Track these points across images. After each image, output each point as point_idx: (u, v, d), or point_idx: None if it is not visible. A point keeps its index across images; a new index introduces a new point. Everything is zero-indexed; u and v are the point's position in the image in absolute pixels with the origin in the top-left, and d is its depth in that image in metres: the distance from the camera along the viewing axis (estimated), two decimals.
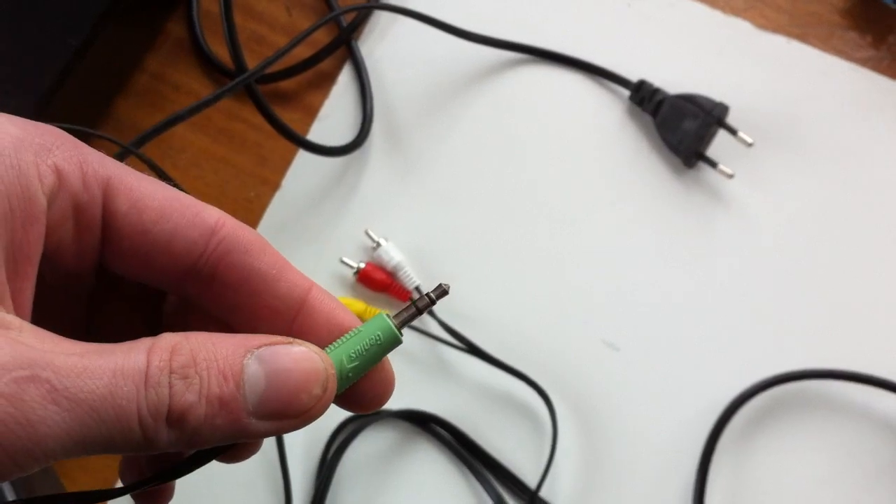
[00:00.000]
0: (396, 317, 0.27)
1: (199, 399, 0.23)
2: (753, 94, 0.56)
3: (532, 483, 0.52)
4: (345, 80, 0.60)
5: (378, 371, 0.27)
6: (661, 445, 0.52)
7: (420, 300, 0.27)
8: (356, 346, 0.26)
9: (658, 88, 0.56)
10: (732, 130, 0.54)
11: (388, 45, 0.60)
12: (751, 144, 0.54)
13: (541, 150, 0.57)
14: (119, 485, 0.26)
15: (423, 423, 0.54)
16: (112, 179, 0.25)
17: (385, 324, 0.26)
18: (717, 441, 0.51)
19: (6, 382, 0.20)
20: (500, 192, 0.57)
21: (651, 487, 0.52)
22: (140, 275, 0.27)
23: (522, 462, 0.53)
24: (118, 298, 0.29)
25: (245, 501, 0.54)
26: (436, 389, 0.54)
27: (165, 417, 0.22)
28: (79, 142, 0.25)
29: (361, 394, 0.27)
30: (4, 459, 0.20)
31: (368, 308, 0.54)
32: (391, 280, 0.55)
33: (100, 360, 0.22)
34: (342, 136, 0.58)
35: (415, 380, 0.54)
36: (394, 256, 0.55)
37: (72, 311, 0.29)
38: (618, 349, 0.54)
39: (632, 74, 0.57)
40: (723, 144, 0.54)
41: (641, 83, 0.56)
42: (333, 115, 0.60)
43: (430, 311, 0.54)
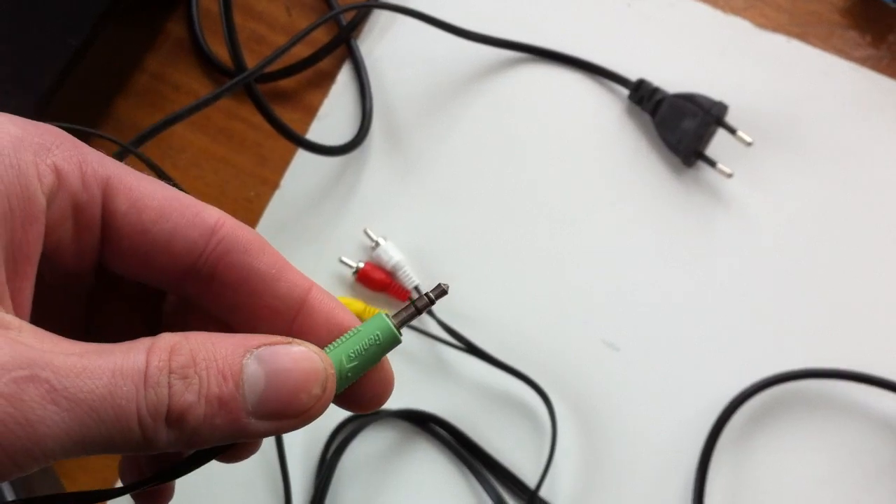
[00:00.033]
0: (395, 316, 0.27)
1: (199, 399, 0.23)
2: (753, 94, 0.56)
3: (531, 483, 0.52)
4: (344, 80, 0.60)
5: (377, 371, 0.27)
6: (661, 445, 0.52)
7: (419, 300, 0.27)
8: (355, 346, 0.26)
9: (657, 87, 0.56)
10: (731, 129, 0.54)
11: (388, 44, 0.60)
12: (750, 143, 0.54)
13: (540, 149, 0.57)
14: (119, 485, 0.26)
15: (423, 423, 0.54)
16: (111, 179, 0.25)
17: (384, 323, 0.26)
18: (717, 440, 0.51)
19: (6, 382, 0.20)
20: (500, 191, 0.57)
21: (651, 487, 0.52)
22: (139, 274, 0.27)
23: (522, 462, 0.53)
24: (118, 298, 0.29)
25: (245, 501, 0.54)
26: (435, 389, 0.54)
27: (165, 417, 0.22)
28: (78, 141, 0.25)
29: (361, 393, 0.27)
30: (4, 459, 0.20)
31: (368, 308, 0.54)
32: (390, 280, 0.55)
33: (99, 360, 0.22)
34: (341, 136, 0.58)
35: (414, 379, 0.54)
36: (393, 256, 0.55)
37: (71, 311, 0.29)
38: (617, 349, 0.54)
39: (631, 74, 0.57)
40: (722, 144, 0.54)
41: (641, 82, 0.56)
42: (333, 115, 0.60)
43: (430, 311, 0.54)
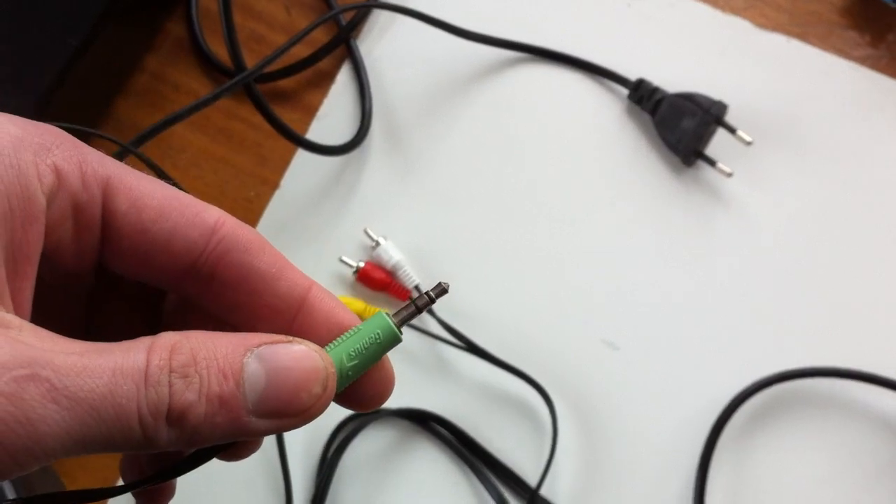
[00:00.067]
0: (396, 315, 0.27)
1: (199, 398, 0.23)
2: (752, 93, 0.56)
3: (532, 481, 0.52)
4: (344, 79, 0.60)
5: (378, 369, 0.27)
6: (662, 444, 0.52)
7: (419, 299, 0.27)
8: (356, 345, 0.26)
9: (657, 87, 0.56)
10: (731, 129, 0.54)
11: (387, 44, 0.60)
12: (750, 143, 0.54)
13: (540, 149, 0.57)
14: (120, 483, 0.26)
15: (423, 422, 0.54)
16: (111, 179, 0.25)
17: (384, 322, 0.26)
18: (718, 439, 0.51)
19: (6, 381, 0.20)
20: (500, 191, 0.57)
21: (651, 486, 0.52)
22: (139, 274, 0.27)
23: (522, 460, 0.53)
24: (118, 298, 0.29)
25: (245, 500, 0.54)
26: (436, 388, 0.54)
27: (165, 416, 0.22)
28: (78, 141, 0.25)
29: (361, 392, 0.27)
30: (4, 458, 0.20)
31: (368, 307, 0.54)
32: (390, 279, 0.55)
33: (99, 359, 0.22)
34: (341, 136, 0.58)
35: (415, 379, 0.54)
36: (393, 255, 0.55)
37: (71, 311, 0.29)
38: (618, 348, 0.54)
39: (631, 73, 0.57)
40: (722, 143, 0.54)
41: (640, 82, 0.56)
42: (332, 115, 0.60)
43: (430, 310, 0.54)
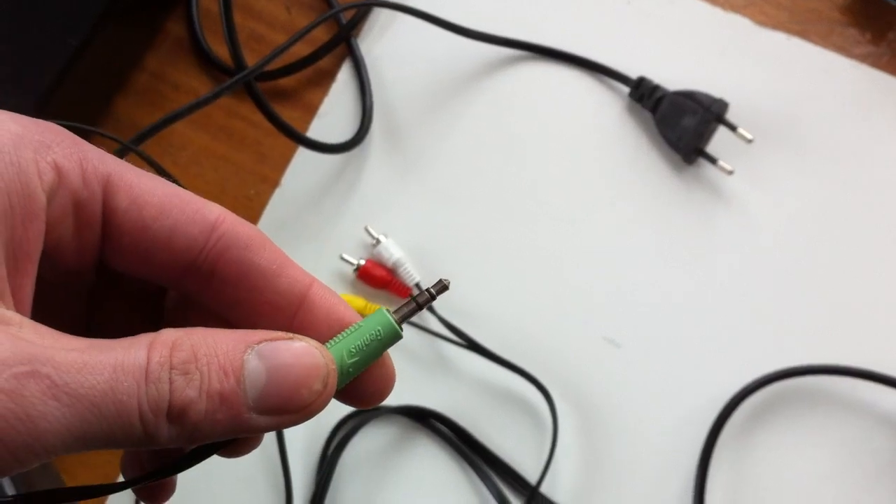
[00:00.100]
0: (396, 312, 0.27)
1: (200, 394, 0.23)
2: (753, 91, 0.56)
3: (532, 479, 0.52)
4: (344, 78, 0.60)
5: (378, 366, 0.27)
6: (662, 441, 0.52)
7: (420, 295, 0.27)
8: (356, 342, 0.26)
9: (658, 85, 0.55)
10: (732, 127, 0.54)
11: (388, 43, 0.60)
12: (750, 141, 0.54)
13: (540, 147, 0.57)
14: (120, 480, 0.26)
15: (424, 420, 0.54)
16: (112, 176, 0.25)
17: (385, 318, 0.26)
18: (718, 437, 0.51)
19: (6, 378, 0.20)
20: (500, 189, 0.57)
21: (652, 483, 0.52)
22: (140, 271, 0.27)
23: (523, 458, 0.53)
24: (118, 295, 0.29)
25: (246, 497, 0.54)
26: (436, 386, 0.54)
27: (166, 413, 0.22)
28: (78, 138, 0.25)
29: (362, 389, 0.27)
30: (5, 455, 0.20)
31: (368, 305, 0.54)
32: (391, 277, 0.55)
33: (100, 356, 0.22)
34: (342, 134, 0.58)
35: (415, 376, 0.54)
36: (393, 253, 0.55)
37: (72, 308, 0.29)
38: (618, 346, 0.54)
39: (632, 72, 0.57)
40: (722, 141, 0.54)
41: (641, 80, 0.56)
42: (333, 113, 0.60)
43: (430, 308, 0.54)
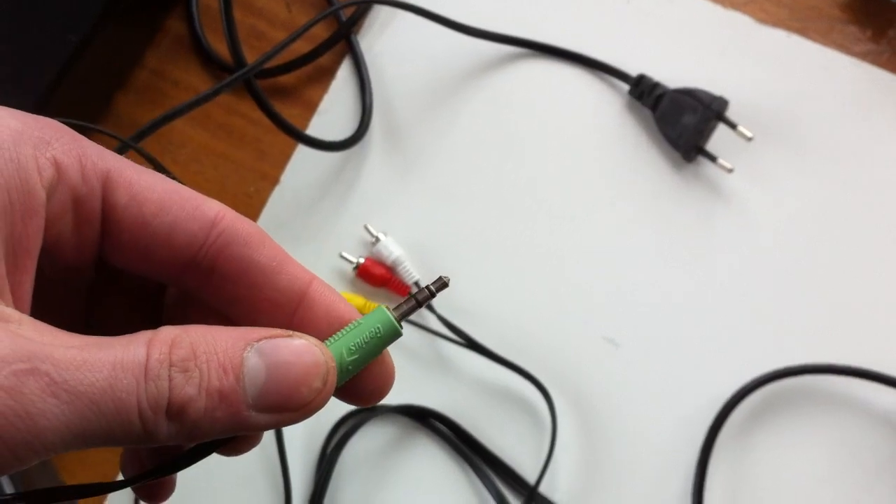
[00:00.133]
0: (396, 309, 0.26)
1: (199, 392, 0.23)
2: (753, 89, 0.56)
3: (531, 478, 0.52)
4: (344, 75, 0.60)
5: (378, 364, 0.27)
6: (661, 441, 0.52)
7: (420, 292, 0.27)
8: (356, 339, 0.26)
9: (658, 83, 0.55)
10: (732, 124, 0.54)
11: (388, 40, 0.60)
12: (750, 139, 0.54)
13: (540, 145, 0.57)
14: (119, 478, 0.26)
15: (423, 419, 0.54)
16: (111, 172, 0.25)
17: (385, 316, 0.26)
18: (717, 437, 0.51)
19: (6, 375, 0.20)
20: (500, 187, 0.57)
21: (650, 483, 0.52)
22: (140, 268, 0.27)
23: (522, 457, 0.53)
24: (118, 292, 0.29)
25: (245, 495, 0.54)
26: (435, 385, 0.54)
27: (165, 410, 0.22)
28: (78, 135, 0.25)
29: (361, 387, 0.27)
30: (4, 452, 0.20)
31: (368, 303, 0.54)
32: (390, 275, 0.55)
33: (99, 353, 0.22)
34: (341, 131, 0.58)
35: (414, 375, 0.54)
36: (393, 251, 0.55)
37: (71, 305, 0.29)
38: (618, 345, 0.54)
39: (631, 69, 0.57)
40: (722, 139, 0.54)
41: (641, 77, 0.56)
42: (333, 110, 0.59)
43: (430, 306, 0.54)
